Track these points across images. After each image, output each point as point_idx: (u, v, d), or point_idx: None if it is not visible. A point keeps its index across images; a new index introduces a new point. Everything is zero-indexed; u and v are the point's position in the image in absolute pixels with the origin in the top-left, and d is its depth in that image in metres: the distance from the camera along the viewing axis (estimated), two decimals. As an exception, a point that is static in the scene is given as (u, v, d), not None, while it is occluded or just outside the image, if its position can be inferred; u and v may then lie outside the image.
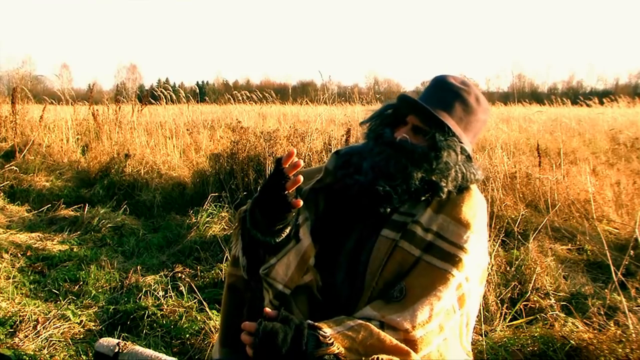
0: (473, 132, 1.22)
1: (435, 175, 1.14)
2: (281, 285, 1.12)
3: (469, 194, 1.18)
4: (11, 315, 2.39)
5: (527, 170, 4.58)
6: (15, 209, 4.52)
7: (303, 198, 1.20)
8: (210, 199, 4.23)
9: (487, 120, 1.26)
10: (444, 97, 1.19)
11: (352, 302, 1.12)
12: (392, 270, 1.09)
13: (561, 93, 40.77)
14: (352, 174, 1.18)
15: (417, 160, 1.13)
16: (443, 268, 1.07)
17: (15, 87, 7.43)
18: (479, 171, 1.20)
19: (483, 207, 1.20)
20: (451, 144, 1.15)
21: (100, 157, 6.03)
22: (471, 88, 1.21)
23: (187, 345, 2.27)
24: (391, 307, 1.05)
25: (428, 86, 1.25)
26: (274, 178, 1.06)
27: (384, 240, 1.12)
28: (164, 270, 3.18)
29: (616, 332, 1.93)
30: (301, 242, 1.14)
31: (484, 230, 1.19)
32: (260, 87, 33.35)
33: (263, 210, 1.10)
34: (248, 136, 5.08)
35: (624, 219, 3.95)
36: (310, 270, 1.14)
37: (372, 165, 1.16)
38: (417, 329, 1.02)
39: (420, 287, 1.06)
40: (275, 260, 1.14)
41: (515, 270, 2.74)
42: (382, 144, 1.17)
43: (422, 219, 1.13)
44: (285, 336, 0.94)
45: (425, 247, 1.10)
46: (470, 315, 1.15)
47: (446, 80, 1.21)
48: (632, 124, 9.96)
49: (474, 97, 1.20)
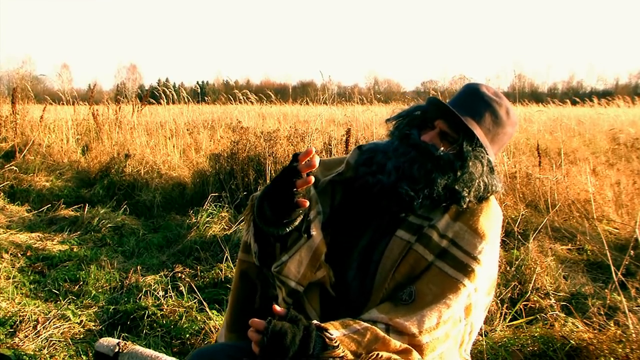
0: (499, 145, 1.21)
1: (458, 184, 1.12)
2: (294, 283, 1.11)
3: (487, 204, 1.17)
4: (11, 315, 2.39)
5: (527, 170, 4.58)
6: (15, 209, 4.52)
7: (320, 189, 1.19)
8: (210, 199, 4.23)
9: (513, 134, 1.24)
10: (475, 105, 1.17)
11: (361, 300, 1.12)
12: (404, 272, 1.09)
13: (561, 93, 40.79)
14: (374, 173, 1.16)
15: (442, 167, 1.11)
16: (455, 277, 1.06)
17: (15, 87, 7.43)
18: (499, 183, 1.19)
19: (499, 219, 1.19)
20: (478, 155, 1.13)
21: (100, 157, 6.03)
22: (503, 100, 1.19)
23: (187, 345, 2.27)
24: (399, 311, 1.04)
25: (459, 92, 1.23)
26: (287, 174, 1.03)
27: (398, 241, 1.12)
28: (164, 270, 3.18)
29: (616, 332, 1.93)
30: (312, 238, 1.12)
31: (498, 242, 1.18)
32: (260, 87, 33.32)
33: (271, 203, 1.07)
34: (248, 136, 5.08)
35: (624, 219, 3.95)
36: (323, 266, 1.13)
37: (396, 166, 1.13)
38: (424, 334, 1.01)
39: (430, 294, 1.05)
40: (287, 257, 1.12)
41: (515, 270, 2.74)
42: (408, 145, 1.15)
43: (439, 224, 1.12)
44: (294, 337, 0.92)
45: (439, 253, 1.09)
46: (475, 326, 1.14)
47: (479, 89, 1.20)
48: (633, 123, 9.97)
49: (505, 110, 1.18)
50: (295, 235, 1.12)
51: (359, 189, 1.19)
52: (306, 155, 1.01)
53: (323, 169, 1.25)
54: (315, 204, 1.17)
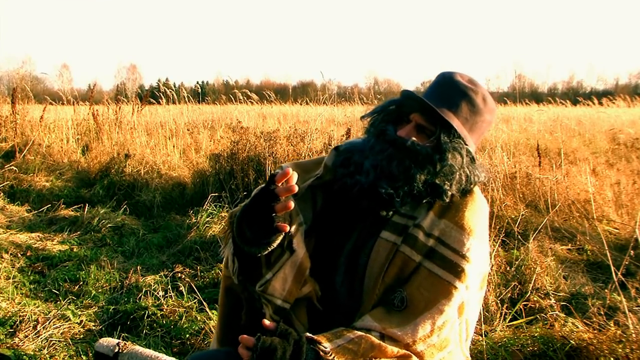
0: (478, 133, 1.17)
1: (439, 178, 1.09)
2: (280, 301, 1.07)
3: (472, 197, 1.14)
4: (11, 315, 2.39)
5: (527, 171, 4.57)
6: (15, 209, 4.52)
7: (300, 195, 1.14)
8: (210, 199, 4.23)
9: (492, 121, 1.20)
10: (451, 95, 1.13)
11: (351, 304, 1.10)
12: (392, 275, 1.07)
13: (561, 93, 40.77)
14: (353, 174, 1.13)
15: (421, 162, 1.09)
16: (446, 280, 1.04)
17: (15, 87, 7.43)
18: (482, 173, 1.16)
19: (485, 212, 1.17)
20: (456, 146, 1.10)
21: (100, 157, 6.03)
22: (478, 87, 1.16)
23: (187, 345, 2.27)
24: (392, 319, 1.02)
25: (433, 83, 1.19)
26: (264, 197, 0.98)
27: (383, 242, 1.09)
28: (164, 270, 3.18)
29: (616, 332, 1.93)
30: (296, 254, 1.08)
31: (486, 234, 1.16)
32: (261, 87, 33.31)
33: (249, 225, 1.03)
34: (248, 136, 5.08)
35: (624, 219, 3.94)
36: (309, 281, 1.10)
37: (373, 164, 1.10)
38: (418, 343, 1.00)
39: (423, 300, 1.03)
40: (271, 275, 1.07)
41: (515, 270, 2.74)
42: (384, 141, 1.12)
43: (424, 223, 1.09)
44: (284, 353, 0.91)
45: (426, 253, 1.07)
46: (470, 322, 1.13)
47: (453, 77, 1.16)
48: (632, 123, 9.96)
49: (481, 97, 1.15)
50: (278, 251, 1.07)
51: (339, 191, 1.16)
52: (283, 177, 0.96)
53: (301, 172, 1.20)
54: (297, 215, 1.12)
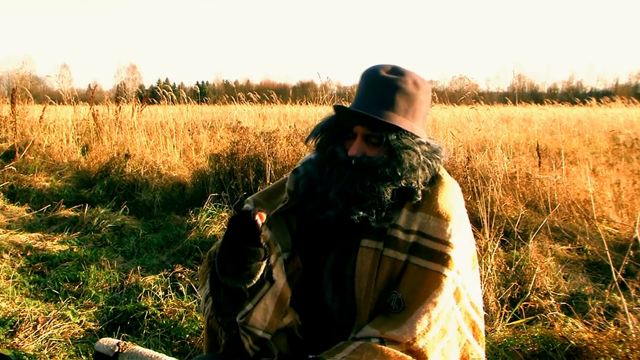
0: (422, 116, 1.15)
1: (403, 181, 1.09)
2: (261, 332, 1.06)
3: (441, 183, 1.13)
4: (11, 315, 2.39)
5: (527, 171, 4.57)
6: (15, 209, 4.52)
7: (273, 224, 1.14)
8: (210, 199, 4.23)
9: (429, 97, 1.17)
10: (382, 93, 1.10)
11: (345, 318, 1.10)
12: (383, 280, 1.07)
13: (561, 93, 40.79)
14: (321, 208, 1.11)
15: (381, 175, 1.08)
16: (434, 270, 1.04)
17: (15, 87, 7.43)
18: (441, 152, 1.15)
19: (457, 192, 1.16)
20: (408, 144, 1.09)
21: (100, 157, 6.03)
22: (405, 74, 1.12)
23: (187, 345, 2.27)
24: (390, 322, 1.03)
25: (361, 85, 1.15)
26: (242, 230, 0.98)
27: (365, 251, 1.08)
28: (164, 270, 3.17)
29: (616, 332, 1.93)
30: (276, 284, 1.07)
31: (465, 216, 1.15)
32: (260, 87, 33.31)
33: (230, 260, 1.02)
34: (248, 136, 5.09)
35: (624, 219, 3.94)
36: (289, 311, 1.09)
37: (338, 193, 1.09)
38: (418, 340, 1.00)
39: (417, 297, 1.04)
40: (252, 306, 1.06)
41: (515, 270, 2.74)
42: (338, 165, 1.10)
43: (399, 221, 1.09)
44: None
45: (410, 249, 1.07)
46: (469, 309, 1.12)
47: (378, 74, 1.12)
48: (632, 124, 9.96)
49: (412, 82, 1.12)
50: (258, 282, 1.05)
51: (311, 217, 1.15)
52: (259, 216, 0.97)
53: (269, 198, 1.20)
54: (274, 245, 1.11)
